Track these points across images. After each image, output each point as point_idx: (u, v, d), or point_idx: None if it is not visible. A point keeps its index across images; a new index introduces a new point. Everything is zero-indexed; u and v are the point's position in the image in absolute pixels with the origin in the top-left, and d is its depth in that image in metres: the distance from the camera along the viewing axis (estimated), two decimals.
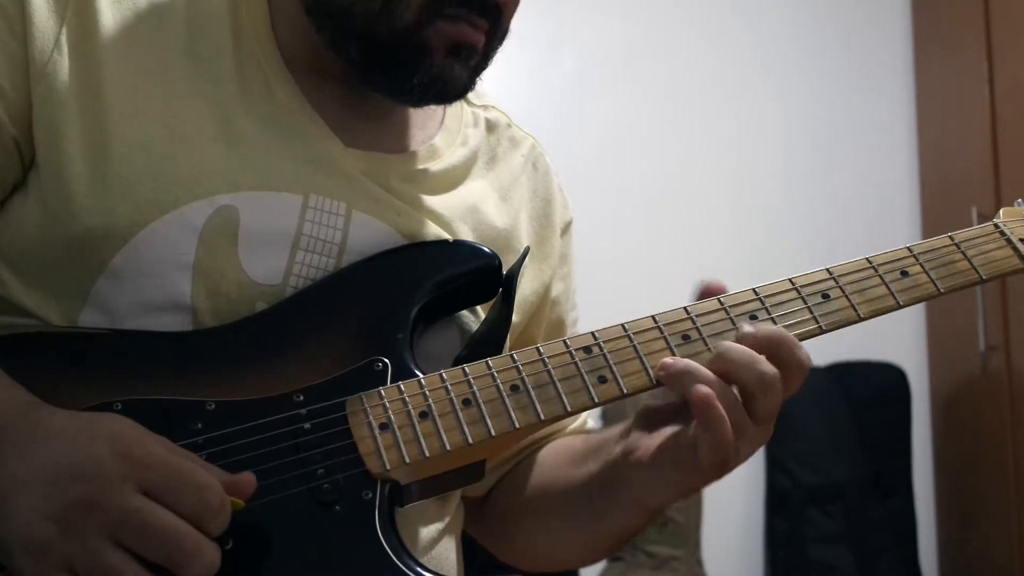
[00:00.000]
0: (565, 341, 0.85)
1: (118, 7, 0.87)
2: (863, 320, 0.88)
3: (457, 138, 1.00)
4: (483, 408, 0.81)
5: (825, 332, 0.88)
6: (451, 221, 0.93)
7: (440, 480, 0.83)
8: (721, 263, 3.16)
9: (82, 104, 0.83)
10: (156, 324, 0.82)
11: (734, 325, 0.85)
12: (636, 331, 0.85)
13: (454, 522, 0.97)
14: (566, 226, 1.07)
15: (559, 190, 1.07)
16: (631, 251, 3.12)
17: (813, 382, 2.95)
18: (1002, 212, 0.97)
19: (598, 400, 0.83)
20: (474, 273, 0.90)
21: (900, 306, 0.89)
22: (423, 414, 0.80)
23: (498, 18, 0.89)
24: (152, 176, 0.83)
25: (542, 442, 1.03)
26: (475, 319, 0.93)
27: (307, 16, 0.89)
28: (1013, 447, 2.87)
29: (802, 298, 0.88)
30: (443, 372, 0.83)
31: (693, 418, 0.80)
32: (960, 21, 3.18)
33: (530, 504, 1.00)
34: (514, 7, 0.90)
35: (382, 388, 0.81)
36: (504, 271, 0.91)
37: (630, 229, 3.14)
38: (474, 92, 0.95)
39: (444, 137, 0.99)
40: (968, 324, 2.97)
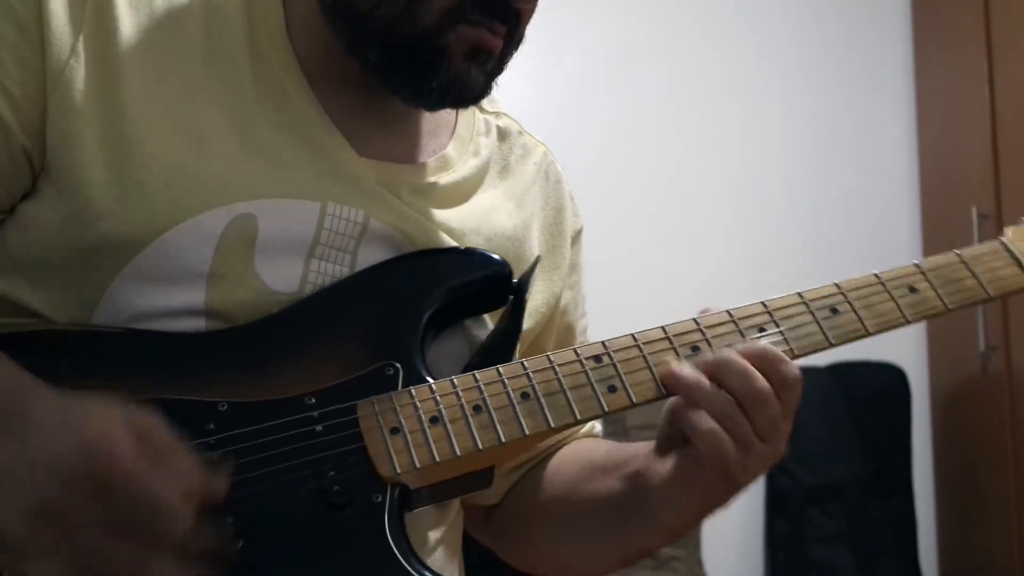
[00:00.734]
0: (576, 350, 0.86)
1: (135, 13, 0.86)
2: (871, 335, 0.89)
3: (469, 147, 0.99)
4: (493, 415, 0.82)
5: (834, 345, 0.88)
6: (464, 234, 0.93)
7: (449, 485, 0.83)
8: (723, 262, 3.18)
9: (99, 111, 0.82)
10: (169, 330, 0.82)
11: (743, 337, 0.86)
12: (646, 341, 0.86)
13: (454, 528, 0.97)
14: (576, 234, 1.07)
15: (570, 199, 1.07)
16: (633, 251, 3.12)
17: (813, 382, 2.96)
18: (1009, 231, 0.98)
19: (608, 409, 0.84)
20: (485, 281, 0.90)
21: (908, 322, 0.90)
22: (434, 419, 0.81)
23: (516, 24, 0.89)
24: (169, 184, 0.82)
25: (551, 449, 1.03)
26: (484, 327, 0.93)
27: (324, 18, 0.88)
28: (1013, 447, 2.87)
29: (811, 312, 0.89)
30: (454, 378, 0.83)
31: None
32: (960, 21, 3.18)
33: (549, 512, 1.00)
34: (531, 14, 0.90)
35: (393, 393, 0.81)
36: (515, 279, 0.91)
37: (632, 229, 3.14)
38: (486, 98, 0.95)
39: (456, 147, 0.98)
40: (968, 324, 2.97)
